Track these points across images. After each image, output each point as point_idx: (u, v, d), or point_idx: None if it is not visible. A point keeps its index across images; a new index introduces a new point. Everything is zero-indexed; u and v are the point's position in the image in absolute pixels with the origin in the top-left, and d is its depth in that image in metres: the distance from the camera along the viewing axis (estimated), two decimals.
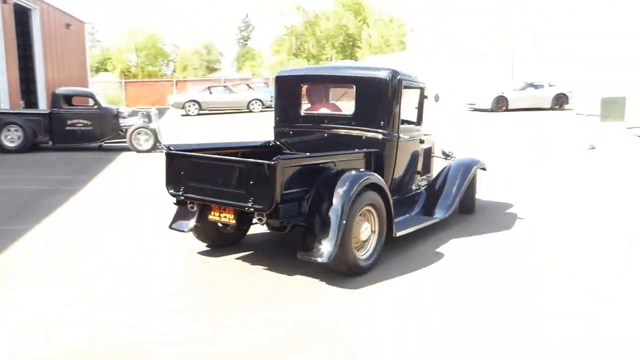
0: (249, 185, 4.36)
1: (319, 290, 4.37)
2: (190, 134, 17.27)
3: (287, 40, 47.43)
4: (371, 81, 5.43)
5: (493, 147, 12.96)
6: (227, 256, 5.20)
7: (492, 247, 5.46)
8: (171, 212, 5.36)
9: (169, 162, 4.94)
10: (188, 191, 4.80)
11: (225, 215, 4.70)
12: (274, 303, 4.15)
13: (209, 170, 4.74)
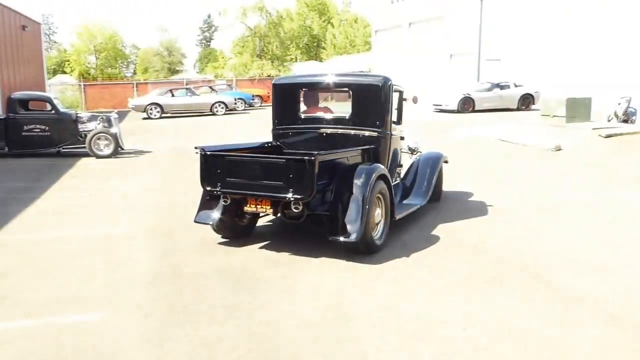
0: (289, 179, 5.02)
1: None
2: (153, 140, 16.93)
3: (250, 42, 47.10)
4: (367, 87, 6.28)
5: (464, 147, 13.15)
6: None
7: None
8: (126, 219, 5.35)
9: (204, 162, 5.61)
10: (225, 187, 5.40)
11: (262, 206, 5.35)
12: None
13: (247, 168, 5.37)
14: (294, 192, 5.00)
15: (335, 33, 63.34)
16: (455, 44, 28.43)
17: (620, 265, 5.04)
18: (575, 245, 5.65)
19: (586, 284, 4.59)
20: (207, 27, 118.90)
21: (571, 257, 5.28)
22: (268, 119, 8.34)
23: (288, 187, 5.04)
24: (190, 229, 6.42)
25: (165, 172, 10.90)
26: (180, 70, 69.66)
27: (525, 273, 4.86)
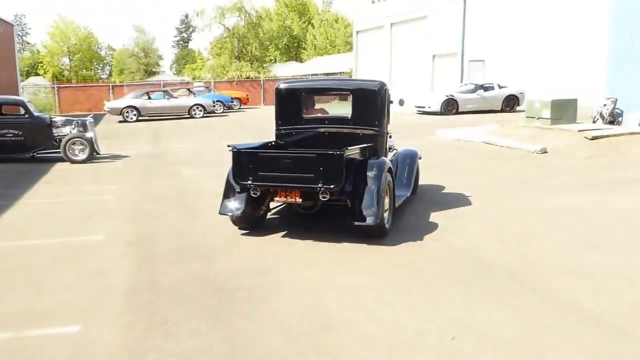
0: (319, 171, 5.77)
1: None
2: (129, 144, 16.75)
3: (228, 43, 46.90)
4: (366, 91, 7.07)
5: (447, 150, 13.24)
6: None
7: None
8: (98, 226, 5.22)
9: (237, 159, 6.16)
10: (257, 180, 6.01)
11: (292, 197, 6.08)
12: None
13: (277, 162, 6.02)
14: (324, 183, 5.76)
15: (316, 33, 63.50)
16: (438, 45, 28.65)
17: (608, 271, 5.08)
18: (562, 251, 5.70)
19: (574, 290, 4.62)
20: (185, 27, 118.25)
21: (559, 263, 5.32)
22: (247, 122, 8.38)
23: (318, 179, 5.79)
24: (169, 237, 6.37)
25: (142, 177, 10.78)
26: (157, 71, 69.16)
27: (512, 279, 4.88)
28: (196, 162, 12.63)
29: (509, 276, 4.96)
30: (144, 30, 69.25)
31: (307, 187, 5.91)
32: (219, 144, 15.96)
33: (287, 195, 6.11)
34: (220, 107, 28.27)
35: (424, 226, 6.70)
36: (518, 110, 24.06)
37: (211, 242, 6.15)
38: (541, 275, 4.96)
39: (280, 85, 7.56)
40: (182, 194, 8.96)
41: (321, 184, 5.76)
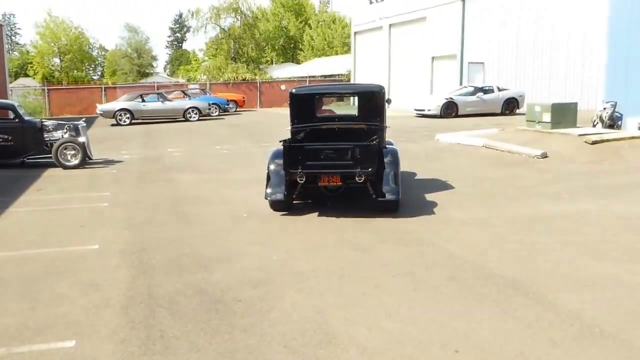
0: (357, 159, 7.34)
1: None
2: (123, 149, 16.72)
3: (224, 44, 46.89)
4: (369, 92, 8.86)
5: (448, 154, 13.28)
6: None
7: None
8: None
9: (288, 152, 7.47)
10: (305, 168, 7.37)
11: (334, 180, 7.59)
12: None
13: (323, 153, 7.51)
14: (362, 167, 7.28)
15: (313, 34, 63.53)
16: (437, 47, 28.69)
17: (611, 280, 5.10)
18: (565, 260, 5.72)
19: (577, 300, 4.64)
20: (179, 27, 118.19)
21: (561, 272, 5.34)
22: (244, 125, 8.74)
23: (357, 164, 7.31)
24: (166, 246, 6.36)
25: (137, 183, 10.77)
26: (150, 72, 69.15)
27: (515, 289, 4.89)
28: (192, 167, 12.63)
29: (512, 286, 4.98)
30: (137, 30, 69.14)
31: (348, 172, 7.40)
32: (215, 148, 15.99)
33: (330, 180, 7.61)
34: (216, 110, 28.25)
35: (425, 234, 6.72)
36: (518, 113, 24.12)
37: (208, 251, 6.15)
38: (544, 285, 4.98)
39: (294, 90, 8.96)
40: (178, 201, 8.95)
41: (359, 169, 7.29)
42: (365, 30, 35.85)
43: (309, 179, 7.49)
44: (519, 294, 4.80)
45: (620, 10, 16.18)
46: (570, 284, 5.04)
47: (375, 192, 7.50)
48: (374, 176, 7.47)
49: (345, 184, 7.66)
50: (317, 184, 7.67)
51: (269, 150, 10.62)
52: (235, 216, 7.85)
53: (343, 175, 7.50)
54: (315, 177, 7.58)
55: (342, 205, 8.08)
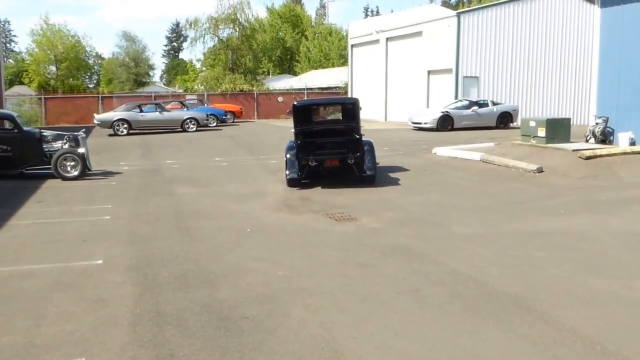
0: (349, 148, 11.02)
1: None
2: (122, 160, 16.70)
3: (222, 54, 46.94)
4: (348, 103, 12.40)
5: (446, 168, 13.35)
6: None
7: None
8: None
9: (302, 144, 11.04)
10: (315, 155, 11.06)
11: (333, 163, 11.29)
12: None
13: (326, 145, 11.20)
14: (352, 153, 11.05)
15: (310, 46, 63.78)
16: (433, 61, 28.90)
17: (611, 297, 5.15)
18: (565, 276, 5.77)
19: (578, 317, 4.68)
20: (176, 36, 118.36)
21: (562, 289, 5.39)
22: (243, 137, 9.26)
23: (349, 152, 11.07)
24: (171, 261, 6.37)
25: (137, 196, 10.77)
26: (147, 82, 69.04)
27: (518, 306, 4.93)
28: (192, 179, 12.64)
29: (515, 303, 5.02)
30: (135, 38, 69.06)
31: (343, 156, 11.13)
32: (215, 160, 16.02)
33: (331, 162, 11.32)
34: (214, 121, 28.29)
35: (426, 249, 6.75)
36: (512, 127, 24.31)
37: (214, 266, 6.16)
38: (546, 302, 5.02)
39: (296, 102, 11.91)
40: (180, 215, 8.96)
41: (350, 154, 11.06)
42: (362, 44, 36.05)
43: (317, 162, 11.14)
44: (522, 311, 4.84)
45: (611, 27, 16.37)
46: (571, 300, 5.09)
47: (359, 170, 11.27)
48: (359, 159, 11.16)
49: (341, 165, 11.30)
50: (323, 165, 11.34)
51: (268, 163, 14.09)
52: (239, 231, 7.86)
53: (340, 159, 11.21)
54: (322, 161, 11.23)
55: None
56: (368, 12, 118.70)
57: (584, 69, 29.03)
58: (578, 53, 29.21)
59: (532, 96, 28.65)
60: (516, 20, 27.89)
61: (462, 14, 27.46)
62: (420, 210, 9.17)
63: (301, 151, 11.04)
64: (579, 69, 29.37)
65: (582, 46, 29.01)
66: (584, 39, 28.87)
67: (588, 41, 28.57)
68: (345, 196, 10.41)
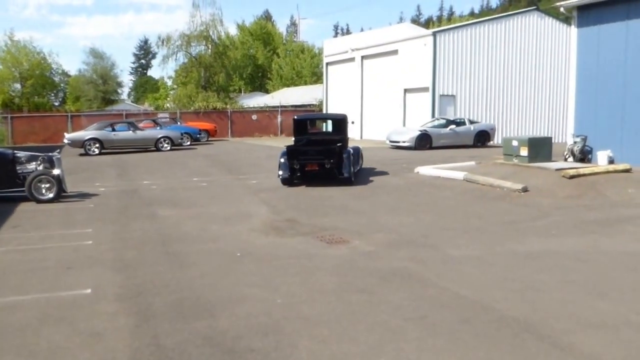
0: (326, 154, 13.72)
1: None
2: (97, 180, 16.30)
3: (195, 72, 46.68)
4: (338, 118, 15.89)
5: (430, 188, 13.38)
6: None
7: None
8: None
9: (290, 151, 13.78)
10: (300, 159, 13.63)
11: (314, 166, 13.78)
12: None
13: (308, 152, 13.93)
14: (329, 159, 13.61)
15: (281, 64, 63.97)
16: (409, 79, 29.21)
17: (621, 321, 5.14)
18: (570, 300, 5.75)
19: (592, 343, 4.64)
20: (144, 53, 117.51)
21: (571, 313, 5.35)
22: (219, 156, 9.43)
23: (326, 158, 13.61)
24: (163, 289, 6.16)
25: (118, 219, 10.48)
26: (115, 99, 68.25)
27: (530, 332, 4.87)
28: (172, 201, 12.40)
29: (526, 329, 4.95)
30: (103, 55, 68.32)
31: (322, 161, 13.76)
32: (193, 180, 15.78)
33: (312, 166, 13.86)
34: (188, 140, 27.99)
35: (425, 272, 6.68)
36: (489, 145, 24.66)
37: (209, 294, 5.97)
38: (557, 327, 4.97)
39: (296, 117, 15.84)
40: (165, 239, 8.72)
41: (327, 160, 13.67)
42: (337, 61, 36.29)
43: (301, 166, 13.81)
44: (534, 338, 4.78)
45: (588, 46, 16.78)
46: (582, 325, 5.05)
47: (338, 173, 13.92)
48: (337, 163, 13.80)
49: (320, 169, 13.89)
50: (305, 168, 13.93)
51: (249, 183, 15.08)
52: (229, 255, 7.68)
53: (319, 164, 13.83)
54: (304, 165, 13.84)
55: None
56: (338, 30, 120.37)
57: (560, 87, 29.75)
58: (554, 71, 29.93)
59: (508, 115, 29.18)
60: (492, 39, 28.46)
61: (438, 33, 27.90)
62: (411, 232, 9.12)
63: (289, 157, 13.75)
64: (554, 87, 30.08)
65: (557, 65, 29.76)
66: (559, 58, 29.64)
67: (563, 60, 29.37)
68: (333, 218, 10.33)
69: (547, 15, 30.13)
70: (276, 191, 13.57)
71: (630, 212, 10.51)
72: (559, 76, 29.90)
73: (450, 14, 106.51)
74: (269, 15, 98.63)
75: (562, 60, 29.77)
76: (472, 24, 29.42)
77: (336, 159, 13.66)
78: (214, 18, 45.96)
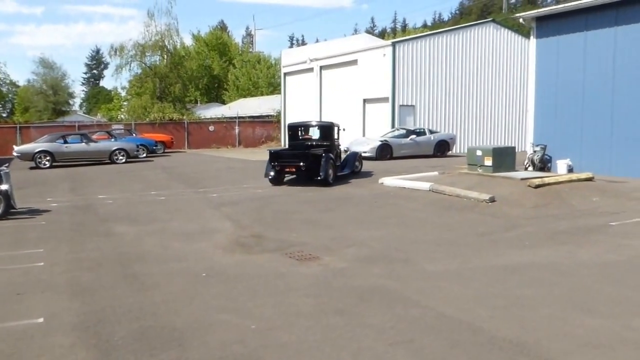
0: (302, 158, 15.65)
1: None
2: (48, 195, 15.43)
3: (149, 82, 45.50)
4: (325, 126, 17.50)
5: (395, 199, 13.13)
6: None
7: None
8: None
9: (272, 155, 16.03)
10: (279, 162, 15.87)
11: (291, 168, 15.94)
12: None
13: (287, 156, 16.11)
14: (303, 162, 15.52)
15: (238, 74, 63.23)
16: (368, 89, 29.15)
17: (615, 339, 4.91)
18: (558, 316, 5.50)
19: None
20: (96, 64, 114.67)
21: (562, 331, 5.10)
22: (177, 169, 8.96)
23: (301, 161, 15.57)
24: (125, 317, 5.61)
25: (72, 237, 9.79)
26: (67, 111, 66.05)
27: (525, 355, 4.58)
28: (130, 216, 11.74)
29: (520, 351, 4.66)
30: (53, 65, 66.04)
31: (297, 165, 15.61)
32: (151, 194, 15.10)
33: (289, 168, 15.82)
34: (144, 152, 27.10)
35: (404, 290, 6.34)
36: (449, 155, 24.74)
37: (176, 321, 5.46)
38: (553, 349, 4.70)
39: (289, 123, 18.29)
40: (124, 259, 8.13)
41: (302, 163, 15.50)
42: (295, 72, 35.99)
43: (281, 167, 15.90)
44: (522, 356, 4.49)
45: (547, 57, 16.97)
46: (576, 345, 4.80)
47: (315, 175, 15.43)
48: (313, 166, 15.45)
49: (297, 170, 15.86)
50: (285, 170, 15.99)
51: (209, 196, 14.60)
52: (194, 276, 7.17)
53: (294, 166, 15.80)
54: (284, 166, 15.91)
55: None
56: (294, 41, 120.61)
57: (517, 97, 30.27)
58: (510, 81, 30.43)
59: (467, 124, 29.45)
60: (450, 50, 28.71)
61: (397, 44, 27.95)
62: (383, 246, 8.79)
63: (270, 159, 16.00)
64: (511, 96, 30.57)
65: (514, 75, 30.28)
66: (515, 68, 30.16)
67: (519, 70, 29.89)
68: (300, 232, 9.92)
69: (503, 27, 30.65)
70: (239, 204, 13.07)
71: (598, 220, 10.48)
72: (515, 86, 30.42)
73: (403, 26, 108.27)
74: (225, 25, 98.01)
75: (518, 70, 30.32)
76: (431, 35, 29.63)
77: (309, 163, 15.39)
78: (169, 28, 44.97)
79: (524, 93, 28.75)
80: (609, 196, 12.47)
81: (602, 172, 14.91)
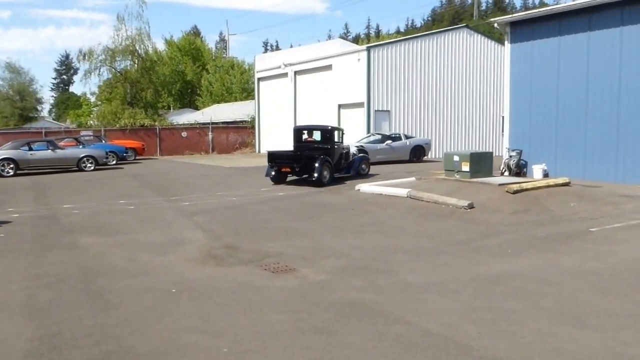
0: (295, 160, 16.95)
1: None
2: (9, 206, 14.74)
3: (120, 87, 44.56)
4: (325, 129, 18.30)
5: (373, 206, 12.82)
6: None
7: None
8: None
9: (270, 156, 17.50)
10: (277, 163, 17.22)
11: (286, 168, 17.12)
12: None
13: (283, 157, 17.42)
14: (297, 164, 16.77)
15: (211, 80, 62.57)
16: (343, 95, 28.92)
17: (609, 353, 4.64)
18: (547, 330, 5.22)
19: None
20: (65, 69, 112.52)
21: (553, 347, 4.81)
22: (147, 176, 7.65)
23: (294, 163, 16.85)
24: (85, 340, 5.14)
25: (32, 250, 9.22)
26: (35, 117, 64.40)
27: None
28: (96, 227, 11.19)
29: None
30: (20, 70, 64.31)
31: (291, 165, 16.83)
32: (120, 203, 14.54)
33: (285, 168, 16.95)
34: (114, 159, 26.38)
35: (385, 305, 6.00)
36: (425, 160, 24.61)
37: (141, 344, 5.02)
38: None
39: (295, 126, 20.48)
40: (88, 273, 7.62)
41: (296, 164, 16.72)
42: (269, 77, 35.61)
43: (278, 167, 16.96)
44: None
45: (521, 62, 16.89)
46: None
47: (309, 175, 16.51)
48: (307, 167, 16.53)
49: (292, 171, 16.86)
50: (281, 170, 16.99)
51: (181, 205, 13.94)
52: (162, 291, 6.71)
53: (289, 167, 16.81)
54: (280, 167, 16.93)
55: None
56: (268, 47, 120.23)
57: (491, 102, 30.33)
58: (484, 86, 30.50)
59: (442, 129, 29.40)
60: (424, 55, 28.65)
61: (372, 48, 27.78)
62: (362, 256, 8.45)
63: (268, 160, 17.27)
64: (486, 101, 30.64)
65: (488, 80, 30.34)
66: (489, 73, 30.23)
67: (492, 75, 29.96)
68: (275, 242, 9.52)
69: (476, 33, 30.75)
70: (212, 213, 12.61)
71: (578, 226, 10.32)
72: (490, 91, 30.50)
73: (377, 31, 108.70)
74: (198, 31, 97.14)
75: (492, 75, 30.42)
76: (405, 40, 29.52)
77: (303, 164, 16.55)
78: (140, 32, 44.09)
79: (499, 98, 28.87)
80: (587, 201, 12.35)
81: (576, 177, 14.84)
